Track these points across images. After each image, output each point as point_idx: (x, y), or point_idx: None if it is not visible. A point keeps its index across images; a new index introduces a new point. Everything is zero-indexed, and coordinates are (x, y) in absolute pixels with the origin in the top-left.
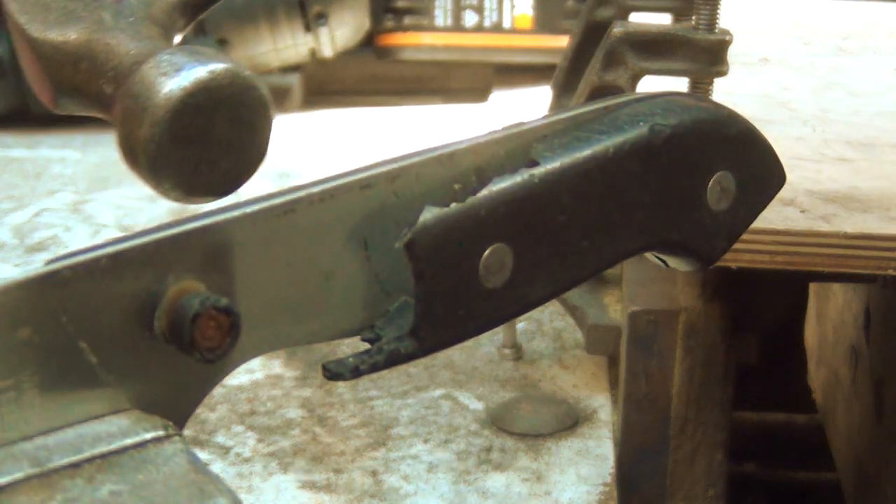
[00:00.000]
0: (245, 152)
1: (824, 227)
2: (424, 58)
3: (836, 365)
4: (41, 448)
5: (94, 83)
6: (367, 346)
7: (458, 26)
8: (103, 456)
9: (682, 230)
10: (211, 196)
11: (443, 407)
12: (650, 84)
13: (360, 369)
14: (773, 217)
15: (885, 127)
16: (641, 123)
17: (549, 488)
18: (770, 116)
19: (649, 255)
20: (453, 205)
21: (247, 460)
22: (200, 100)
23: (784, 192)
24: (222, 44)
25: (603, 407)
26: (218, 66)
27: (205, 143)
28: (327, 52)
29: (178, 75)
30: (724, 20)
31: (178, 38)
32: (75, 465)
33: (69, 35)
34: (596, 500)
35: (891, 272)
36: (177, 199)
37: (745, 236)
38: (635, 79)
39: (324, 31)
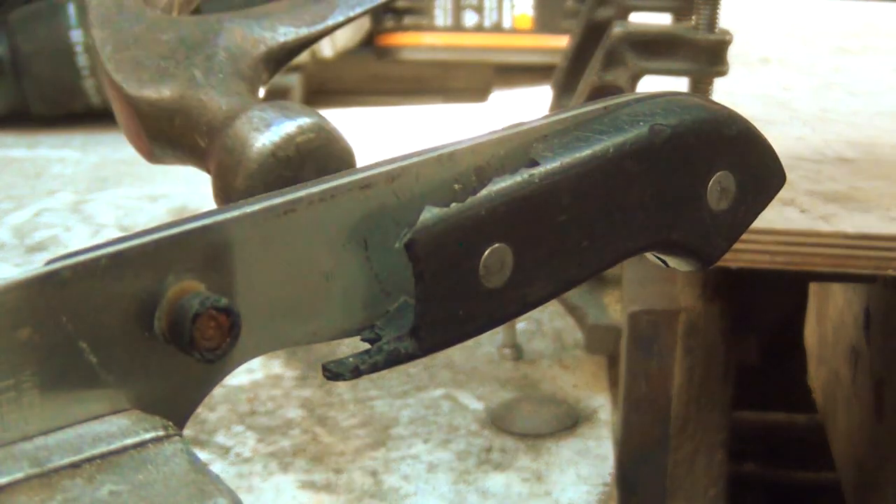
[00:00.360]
0: None
1: (824, 227)
2: (424, 58)
3: (836, 365)
4: (41, 448)
5: (188, 137)
6: (367, 346)
7: (458, 26)
8: (103, 456)
9: (682, 230)
10: None
11: (443, 407)
12: (650, 84)
13: (360, 369)
14: (773, 217)
15: (885, 127)
16: (641, 123)
17: (549, 488)
18: (770, 116)
19: (649, 255)
20: (453, 205)
21: (247, 460)
22: (290, 153)
23: (784, 192)
24: None
25: (603, 407)
26: (305, 121)
27: None
28: (327, 52)
29: (268, 130)
30: (724, 20)
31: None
32: (75, 465)
33: (163, 92)
34: (596, 500)
35: (891, 272)
36: None
37: (745, 236)
38: (635, 79)
39: None
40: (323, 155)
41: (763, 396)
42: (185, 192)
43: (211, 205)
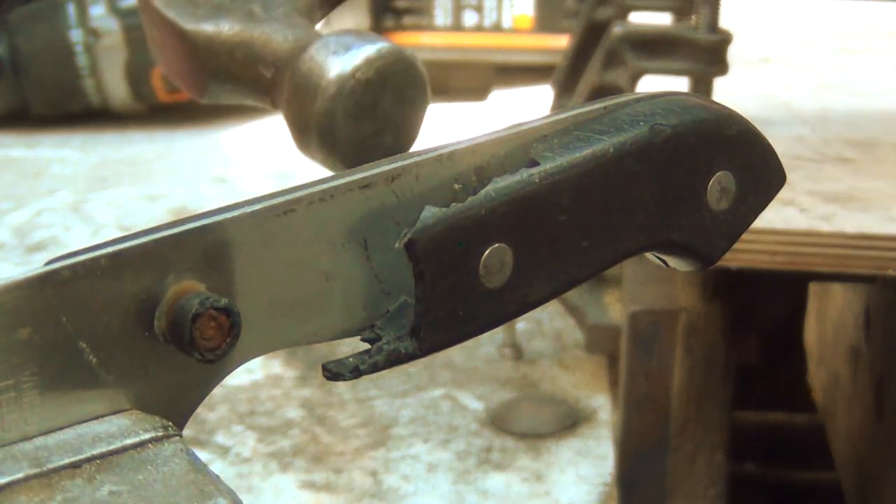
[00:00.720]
0: (406, 128)
1: (824, 227)
2: (424, 58)
3: (836, 365)
4: (41, 448)
5: (250, 69)
6: (367, 346)
7: (458, 26)
8: (103, 456)
9: (682, 230)
10: None
11: (443, 407)
12: (650, 84)
13: (360, 369)
14: (773, 217)
15: (885, 127)
16: (641, 123)
17: (549, 488)
18: (770, 116)
19: (649, 255)
20: (453, 205)
21: (247, 460)
22: (370, 76)
23: (784, 192)
24: None
25: (603, 407)
26: (384, 46)
27: (372, 118)
28: None
29: (347, 53)
30: (724, 20)
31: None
32: (75, 465)
33: (222, 26)
34: (596, 500)
35: (891, 272)
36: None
37: (745, 236)
38: (635, 79)
39: None
40: (401, 80)
41: (763, 396)
42: (185, 192)
43: (211, 205)
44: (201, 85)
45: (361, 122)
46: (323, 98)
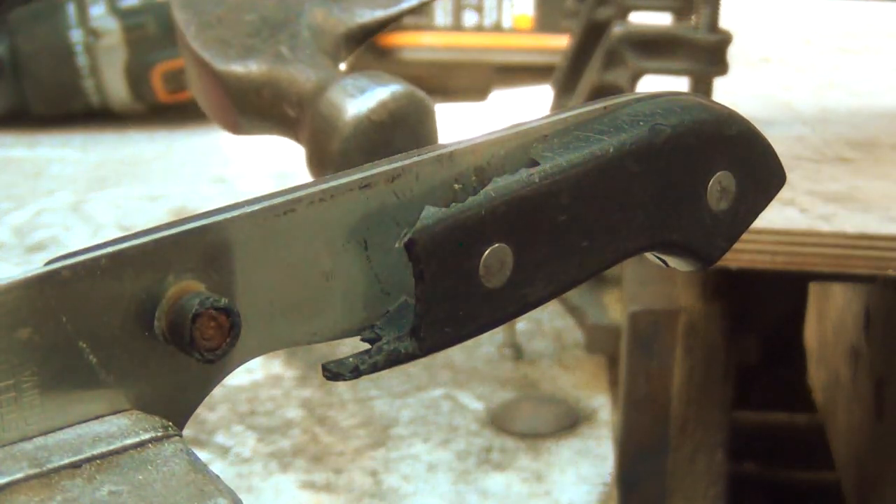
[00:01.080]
0: None
1: (824, 227)
2: (424, 58)
3: (836, 365)
4: (41, 448)
5: (277, 107)
6: (367, 346)
7: (458, 26)
8: (103, 456)
9: (682, 230)
10: None
11: (443, 407)
12: (650, 84)
13: (360, 369)
14: (773, 217)
15: (885, 127)
16: (642, 123)
17: (549, 488)
18: (770, 116)
19: (649, 255)
20: (453, 205)
21: (247, 460)
22: (383, 118)
23: (784, 192)
24: None
25: (603, 407)
26: (398, 89)
27: (386, 156)
28: None
29: (362, 96)
30: (724, 20)
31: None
32: (75, 466)
33: (251, 66)
34: (596, 500)
35: (891, 272)
36: None
37: (745, 236)
38: (635, 79)
39: None
40: (414, 121)
41: (763, 396)
42: (185, 192)
43: (211, 205)
44: (234, 120)
45: (376, 160)
46: (339, 138)
